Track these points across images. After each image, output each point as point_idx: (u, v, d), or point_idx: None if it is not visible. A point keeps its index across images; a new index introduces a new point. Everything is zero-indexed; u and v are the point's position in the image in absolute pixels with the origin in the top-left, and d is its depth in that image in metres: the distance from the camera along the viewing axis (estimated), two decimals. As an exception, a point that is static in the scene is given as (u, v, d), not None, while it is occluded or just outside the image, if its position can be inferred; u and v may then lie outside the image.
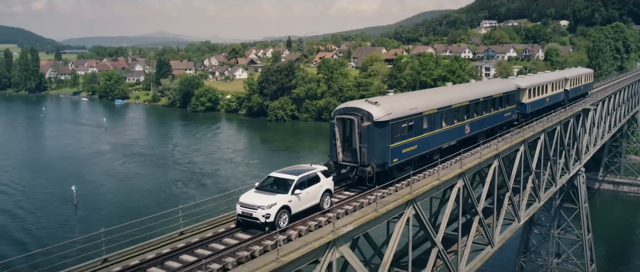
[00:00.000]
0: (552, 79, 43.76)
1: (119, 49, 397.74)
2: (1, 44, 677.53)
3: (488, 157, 27.20)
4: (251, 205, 17.44)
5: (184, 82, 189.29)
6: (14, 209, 77.65)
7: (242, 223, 17.75)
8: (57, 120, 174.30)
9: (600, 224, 66.90)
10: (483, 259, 27.32)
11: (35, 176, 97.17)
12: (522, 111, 37.61)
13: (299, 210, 18.19)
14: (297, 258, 14.72)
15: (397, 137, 22.47)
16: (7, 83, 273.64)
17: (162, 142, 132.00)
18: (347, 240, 17.45)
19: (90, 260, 14.78)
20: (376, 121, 21.42)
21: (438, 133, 25.88)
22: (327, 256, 16.15)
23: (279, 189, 18.26)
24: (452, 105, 27.32)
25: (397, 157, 22.51)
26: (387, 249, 19.84)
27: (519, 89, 37.25)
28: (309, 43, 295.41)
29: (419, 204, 21.19)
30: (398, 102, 24.13)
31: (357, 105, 22.44)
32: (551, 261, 46.47)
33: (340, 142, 22.40)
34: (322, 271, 15.86)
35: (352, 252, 18.02)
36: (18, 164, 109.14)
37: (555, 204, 46.11)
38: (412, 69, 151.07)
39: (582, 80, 52.47)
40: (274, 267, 13.87)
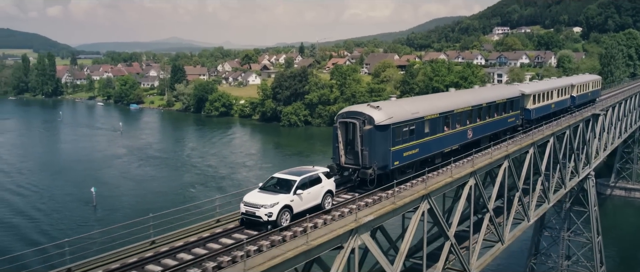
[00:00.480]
0: (557, 86, 44.02)
1: (133, 55, 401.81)
2: (17, 49, 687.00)
3: (498, 158, 28.48)
4: (254, 204, 18.09)
5: (198, 88, 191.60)
6: (35, 209, 79.83)
7: (245, 222, 18.43)
8: (74, 124, 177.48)
9: (612, 229, 67.69)
10: (493, 255, 28.57)
11: (55, 178, 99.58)
12: (526, 117, 37.98)
13: (300, 209, 18.74)
14: (324, 242, 16.28)
15: (398, 141, 23.02)
16: (25, 87, 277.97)
17: (177, 145, 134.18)
18: (368, 229, 18.89)
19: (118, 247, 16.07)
20: (377, 125, 22.06)
21: (439, 137, 26.36)
22: (350, 242, 17.61)
23: (281, 189, 18.88)
24: (454, 111, 27.84)
25: (398, 160, 23.06)
26: (403, 241, 21.26)
27: (524, 95, 37.59)
28: (322, 49, 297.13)
29: (433, 199, 22.50)
30: (399, 106, 24.81)
31: (359, 109, 23.10)
32: (561, 263, 47.42)
33: (343, 145, 22.99)
34: (345, 255, 17.32)
35: (372, 240, 19.39)
36: (38, 166, 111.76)
37: (565, 207, 47.07)
38: (425, 75, 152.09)
39: (590, 87, 52.74)
40: (304, 249, 15.39)
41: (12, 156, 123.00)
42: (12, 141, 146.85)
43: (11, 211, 79.21)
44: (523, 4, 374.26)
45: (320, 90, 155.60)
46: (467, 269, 25.22)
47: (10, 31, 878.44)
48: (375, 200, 20.89)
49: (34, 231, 70.22)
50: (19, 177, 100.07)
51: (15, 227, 71.87)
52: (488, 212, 27.41)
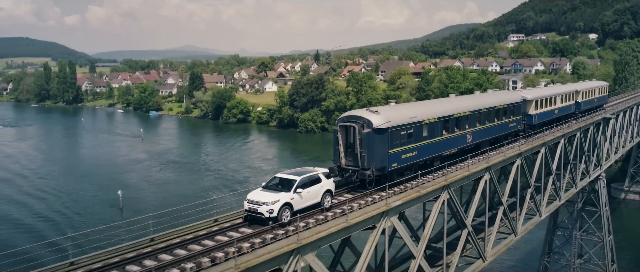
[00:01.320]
0: (561, 92, 44.64)
1: (150, 63, 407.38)
2: (36, 57, 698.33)
3: (511, 156, 30.71)
4: (257, 201, 19.20)
5: (216, 95, 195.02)
6: (63, 211, 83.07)
7: (248, 218, 19.55)
8: (96, 130, 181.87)
9: (625, 231, 69.43)
10: (507, 245, 30.79)
11: (80, 181, 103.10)
12: (529, 122, 38.57)
13: (300, 207, 19.81)
14: (360, 221, 18.90)
15: (396, 144, 23.98)
16: (46, 95, 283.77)
17: (196, 151, 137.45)
18: (397, 212, 21.39)
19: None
20: (376, 128, 23.02)
21: (438, 141, 27.24)
22: (381, 223, 20.11)
23: (283, 188, 19.95)
24: (453, 115, 28.67)
25: (396, 162, 24.03)
26: (425, 227, 23.68)
27: (526, 101, 38.32)
28: (337, 57, 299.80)
29: (452, 190, 24.86)
30: (398, 111, 25.82)
31: (359, 113, 24.20)
32: (574, 261, 49.20)
33: (343, 147, 23.96)
34: (377, 234, 19.80)
35: (400, 223, 21.83)
36: (63, 169, 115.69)
37: (577, 207, 48.89)
38: (440, 82, 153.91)
39: (596, 93, 52.96)
40: (344, 226, 17.89)
41: (39, 161, 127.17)
42: (37, 146, 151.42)
43: (40, 212, 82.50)
44: (538, 10, 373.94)
45: (336, 97, 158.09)
46: (483, 256, 27.56)
47: (29, 40, 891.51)
48: (401, 189, 23.27)
49: (64, 231, 73.34)
50: (47, 181, 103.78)
51: (46, 228, 74.97)
52: (502, 206, 29.64)
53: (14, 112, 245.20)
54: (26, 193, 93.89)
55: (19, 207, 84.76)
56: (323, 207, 20.72)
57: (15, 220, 77.90)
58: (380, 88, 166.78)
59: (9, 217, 79.10)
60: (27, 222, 77.04)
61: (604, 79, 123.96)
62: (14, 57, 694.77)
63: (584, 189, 48.13)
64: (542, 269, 51.14)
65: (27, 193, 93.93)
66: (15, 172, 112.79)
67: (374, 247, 19.77)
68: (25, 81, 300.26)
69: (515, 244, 63.66)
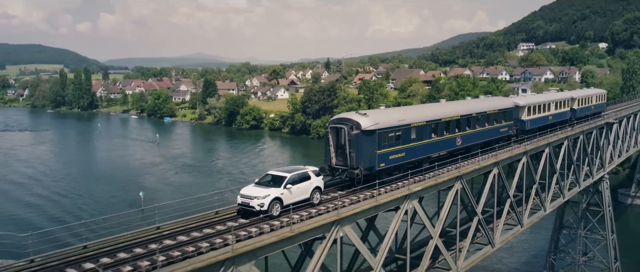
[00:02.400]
0: (555, 99, 45.49)
1: (162, 70, 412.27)
2: (49, 64, 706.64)
3: (518, 153, 33.56)
4: (249, 196, 20.53)
5: (229, 102, 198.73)
6: (86, 210, 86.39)
7: (241, 211, 20.88)
8: (113, 135, 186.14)
9: (631, 234, 72.16)
10: (514, 235, 33.72)
11: (100, 183, 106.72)
12: (521, 127, 39.42)
13: (290, 202, 21.00)
14: (387, 201, 22.03)
15: (384, 145, 25.07)
16: (62, 101, 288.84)
17: (211, 155, 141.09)
18: (417, 196, 24.34)
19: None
20: (364, 130, 24.17)
21: (427, 143, 28.25)
22: (404, 205, 23.12)
23: (274, 184, 21.19)
24: (442, 119, 29.68)
25: (384, 162, 25.11)
26: (441, 213, 26.61)
27: (518, 107, 39.22)
28: (348, 65, 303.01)
29: (464, 181, 27.80)
30: (386, 114, 27.17)
31: (348, 116, 25.38)
32: (579, 259, 51.75)
33: (334, 148, 25.03)
34: (400, 215, 22.83)
35: (420, 206, 24.81)
36: (84, 172, 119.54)
37: (581, 207, 51.49)
38: (450, 89, 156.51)
39: (593, 101, 53.58)
40: (373, 204, 20.96)
41: (59, 164, 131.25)
42: (57, 150, 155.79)
43: (63, 212, 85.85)
44: (548, 20, 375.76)
45: (348, 104, 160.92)
46: (491, 242, 30.43)
47: (41, 47, 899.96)
48: (421, 178, 26.34)
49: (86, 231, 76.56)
50: (68, 183, 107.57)
51: (70, 227, 78.24)
52: (509, 199, 32.49)
53: (31, 118, 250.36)
54: (49, 194, 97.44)
55: (42, 208, 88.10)
56: (312, 202, 21.97)
57: (38, 219, 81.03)
58: (391, 95, 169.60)
59: (32, 217, 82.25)
60: (49, 221, 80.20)
61: (612, 88, 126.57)
62: (27, 64, 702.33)
63: (588, 190, 50.74)
64: (549, 267, 53.66)
65: (50, 194, 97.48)
66: (37, 174, 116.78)
67: (398, 224, 22.70)
68: (41, 87, 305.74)
69: (524, 244, 66.87)
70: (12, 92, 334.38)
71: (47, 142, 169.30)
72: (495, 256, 64.01)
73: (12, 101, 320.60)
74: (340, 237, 20.46)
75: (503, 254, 66.26)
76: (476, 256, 30.15)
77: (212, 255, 15.89)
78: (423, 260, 25.53)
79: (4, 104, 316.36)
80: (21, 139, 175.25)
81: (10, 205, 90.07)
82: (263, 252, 17.85)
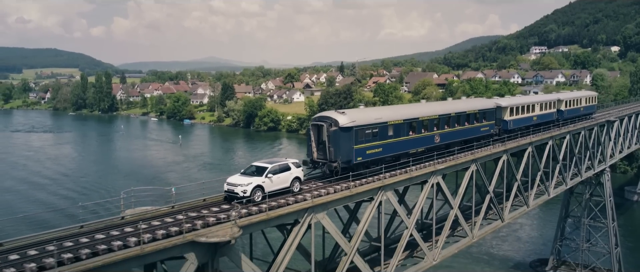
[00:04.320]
0: (541, 100, 47.38)
1: (178, 73, 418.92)
2: (65, 68, 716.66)
3: (524, 143, 38.60)
4: (234, 184, 22.76)
5: (247, 104, 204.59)
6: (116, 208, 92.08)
7: (227, 197, 23.06)
8: (136, 136, 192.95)
9: (635, 227, 77.18)
10: (521, 213, 38.91)
11: (129, 179, 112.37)
12: (503, 127, 40.85)
13: (271, 190, 23.05)
14: (361, 192, 25.65)
15: (361, 140, 26.76)
16: (83, 104, 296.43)
17: (231, 155, 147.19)
18: (441, 174, 29.22)
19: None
20: (342, 127, 25.97)
21: (404, 140, 29.94)
22: (431, 179, 28.30)
23: (257, 174, 23.35)
24: (420, 118, 31.30)
25: (361, 156, 26.79)
26: (459, 191, 31.67)
27: (500, 107, 40.79)
28: (361, 68, 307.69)
29: (479, 164, 32.88)
30: (364, 113, 29.19)
31: (328, 114, 27.29)
32: (582, 245, 56.51)
33: (315, 143, 27.04)
34: (427, 190, 27.87)
35: (443, 181, 29.85)
36: (112, 169, 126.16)
37: (585, 197, 56.27)
38: (463, 92, 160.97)
39: (582, 102, 54.86)
40: (348, 194, 24.79)
41: (88, 162, 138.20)
42: (84, 149, 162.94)
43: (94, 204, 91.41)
44: (560, 23, 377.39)
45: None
46: (501, 218, 35.59)
47: (57, 51, 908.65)
48: (446, 159, 31.12)
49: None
50: (98, 179, 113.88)
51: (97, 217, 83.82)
52: (516, 182, 37.56)
53: (54, 120, 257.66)
54: (79, 189, 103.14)
55: (73, 201, 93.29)
56: (292, 191, 24.03)
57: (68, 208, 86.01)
58: (406, 98, 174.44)
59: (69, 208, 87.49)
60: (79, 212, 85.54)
61: (621, 90, 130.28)
62: (43, 68, 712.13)
63: (591, 183, 55.54)
64: (555, 252, 58.45)
65: (80, 189, 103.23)
66: (68, 171, 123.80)
67: (424, 199, 27.61)
68: (62, 91, 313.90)
69: (533, 232, 71.98)
70: (34, 95, 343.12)
71: (74, 143, 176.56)
72: (507, 244, 69.30)
73: (34, 104, 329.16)
74: (314, 223, 23.15)
75: (514, 241, 71.45)
76: (489, 227, 35.19)
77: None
78: (444, 228, 30.65)
79: (27, 106, 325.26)
80: (48, 140, 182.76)
81: (50, 197, 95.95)
82: (248, 230, 20.83)
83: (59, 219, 62.93)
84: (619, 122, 58.82)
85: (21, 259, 15.10)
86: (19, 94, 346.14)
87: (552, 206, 77.83)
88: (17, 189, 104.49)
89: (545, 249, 64.30)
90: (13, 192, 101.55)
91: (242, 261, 19.57)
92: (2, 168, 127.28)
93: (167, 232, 17.82)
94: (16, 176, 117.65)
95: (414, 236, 28.76)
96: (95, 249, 16.04)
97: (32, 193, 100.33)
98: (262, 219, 20.80)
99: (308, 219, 22.71)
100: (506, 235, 73.27)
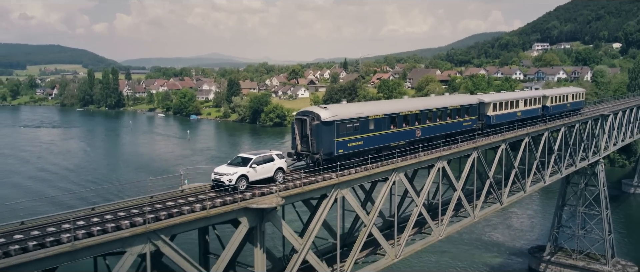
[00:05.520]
0: (525, 96, 48.63)
1: (183, 70, 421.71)
2: (68, 64, 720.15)
3: (521, 134, 42.18)
4: (220, 173, 24.27)
5: (253, 100, 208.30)
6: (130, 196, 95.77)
7: (214, 186, 24.43)
8: (144, 131, 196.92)
9: (631, 217, 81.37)
10: (518, 197, 42.51)
11: (140, 171, 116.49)
12: (487, 122, 41.92)
13: (255, 179, 24.55)
14: (377, 172, 28.98)
15: (342, 134, 28.10)
16: (90, 100, 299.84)
17: (239, 149, 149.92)
18: (446, 159, 32.91)
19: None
20: (324, 121, 27.25)
21: (385, 134, 31.12)
22: (437, 164, 31.89)
23: (242, 164, 24.83)
24: (401, 113, 32.41)
25: (342, 149, 28.14)
26: (461, 176, 35.22)
27: (483, 103, 41.84)
28: (365, 65, 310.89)
29: (480, 151, 36.47)
30: (345, 108, 30.14)
31: (311, 109, 28.51)
32: (578, 231, 60.08)
33: (299, 136, 28.29)
34: (432, 176, 31.47)
35: (448, 166, 33.50)
36: (124, 162, 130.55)
37: (580, 187, 59.79)
38: (466, 88, 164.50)
39: (569, 99, 56.03)
40: (366, 174, 28.18)
41: (99, 155, 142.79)
42: (94, 143, 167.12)
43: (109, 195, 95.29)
44: (563, 20, 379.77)
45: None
46: (500, 201, 39.25)
47: (60, 47, 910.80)
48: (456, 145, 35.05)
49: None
50: (111, 171, 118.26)
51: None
52: (514, 169, 41.19)
53: (62, 116, 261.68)
54: (92, 180, 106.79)
55: (87, 193, 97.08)
56: (276, 180, 25.42)
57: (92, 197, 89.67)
58: (409, 94, 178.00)
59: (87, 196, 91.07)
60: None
61: (619, 87, 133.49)
62: (47, 64, 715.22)
63: (586, 173, 59.11)
64: (552, 239, 61.99)
65: (93, 180, 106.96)
66: (82, 163, 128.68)
67: (430, 183, 31.29)
68: (69, 87, 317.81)
69: (532, 219, 75.94)
70: (41, 92, 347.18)
71: (85, 137, 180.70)
72: (508, 232, 73.10)
73: (41, 100, 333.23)
74: (339, 197, 26.25)
75: (514, 229, 75.27)
76: (489, 209, 38.79)
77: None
78: (449, 208, 34.25)
79: (34, 102, 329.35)
80: (59, 134, 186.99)
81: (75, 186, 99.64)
82: (288, 200, 23.93)
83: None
84: (613, 116, 62.25)
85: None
86: (26, 90, 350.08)
87: (549, 196, 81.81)
88: (41, 178, 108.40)
89: (542, 237, 68.09)
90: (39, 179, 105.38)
91: (282, 226, 23.29)
92: (19, 161, 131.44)
93: (223, 201, 21.48)
94: (33, 168, 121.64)
95: (423, 214, 32.11)
96: (171, 212, 19.87)
97: (55, 182, 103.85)
98: (298, 192, 24.39)
99: (335, 194, 26.05)
100: (506, 224, 77.14)
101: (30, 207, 69.02)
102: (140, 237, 18.41)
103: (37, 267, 15.97)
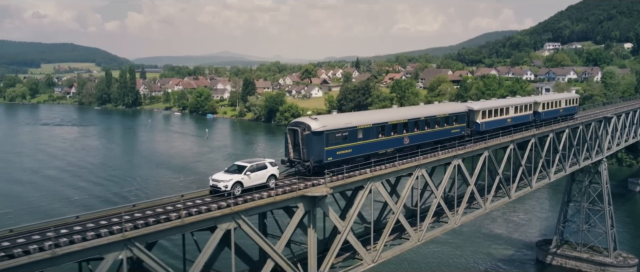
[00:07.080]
0: (515, 103, 50.03)
1: (196, 69, 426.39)
2: (81, 62, 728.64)
3: (528, 135, 46.65)
4: (217, 180, 26.04)
5: (268, 99, 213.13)
6: (150, 193, 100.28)
7: (212, 191, 26.26)
8: (162, 130, 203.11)
9: (635, 215, 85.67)
10: (525, 192, 47.03)
11: (160, 168, 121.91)
12: (476, 129, 43.35)
13: (249, 185, 26.40)
14: (403, 169, 33.68)
15: (332, 143, 30.13)
16: (107, 98, 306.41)
17: (255, 147, 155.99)
18: (461, 157, 37.60)
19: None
20: (314, 131, 29.31)
21: (373, 142, 33.02)
22: (453, 162, 36.56)
23: (237, 171, 26.58)
24: (389, 122, 34.24)
25: (331, 156, 30.15)
26: (474, 173, 39.81)
27: (472, 111, 43.27)
28: (377, 64, 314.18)
29: (491, 151, 41.04)
30: (335, 118, 32.80)
31: (302, 120, 30.64)
32: (582, 226, 64.42)
33: (291, 145, 30.38)
34: (449, 172, 36.15)
35: (462, 164, 38.12)
36: (144, 160, 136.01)
37: (585, 184, 64.12)
38: (477, 89, 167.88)
39: (562, 104, 57.41)
40: (394, 170, 33.79)
41: (120, 153, 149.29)
42: (114, 141, 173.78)
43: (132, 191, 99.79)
44: (574, 19, 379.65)
45: (381, 102, 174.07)
46: (508, 195, 43.84)
47: (74, 46, 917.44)
48: (466, 146, 39.49)
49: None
50: (132, 168, 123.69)
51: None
52: (521, 167, 45.71)
53: (80, 114, 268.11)
54: (116, 177, 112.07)
55: (118, 186, 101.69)
56: (269, 187, 27.26)
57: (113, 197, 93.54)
58: (422, 94, 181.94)
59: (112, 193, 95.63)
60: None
61: (628, 88, 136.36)
62: (60, 62, 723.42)
63: (590, 171, 63.41)
64: (559, 233, 66.32)
65: (117, 177, 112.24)
66: (105, 160, 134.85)
67: (447, 179, 35.97)
68: (87, 86, 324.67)
69: (539, 214, 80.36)
70: (59, 90, 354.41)
71: (104, 135, 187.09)
72: (517, 227, 77.63)
73: (59, 99, 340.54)
74: (373, 189, 30.49)
75: (523, 224, 79.80)
76: (498, 202, 43.41)
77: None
78: (463, 200, 38.99)
79: (53, 101, 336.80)
80: (80, 132, 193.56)
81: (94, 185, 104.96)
82: (335, 190, 28.54)
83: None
84: (616, 118, 66.43)
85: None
86: (44, 88, 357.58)
87: (556, 193, 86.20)
88: (66, 176, 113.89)
89: (549, 231, 72.57)
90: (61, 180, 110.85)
91: (330, 212, 28.20)
92: (43, 158, 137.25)
93: (283, 190, 26.42)
94: (57, 165, 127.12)
95: (441, 205, 36.63)
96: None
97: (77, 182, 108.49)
98: (341, 184, 28.99)
99: (369, 186, 30.69)
100: (516, 219, 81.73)
101: (82, 201, 74.40)
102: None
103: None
